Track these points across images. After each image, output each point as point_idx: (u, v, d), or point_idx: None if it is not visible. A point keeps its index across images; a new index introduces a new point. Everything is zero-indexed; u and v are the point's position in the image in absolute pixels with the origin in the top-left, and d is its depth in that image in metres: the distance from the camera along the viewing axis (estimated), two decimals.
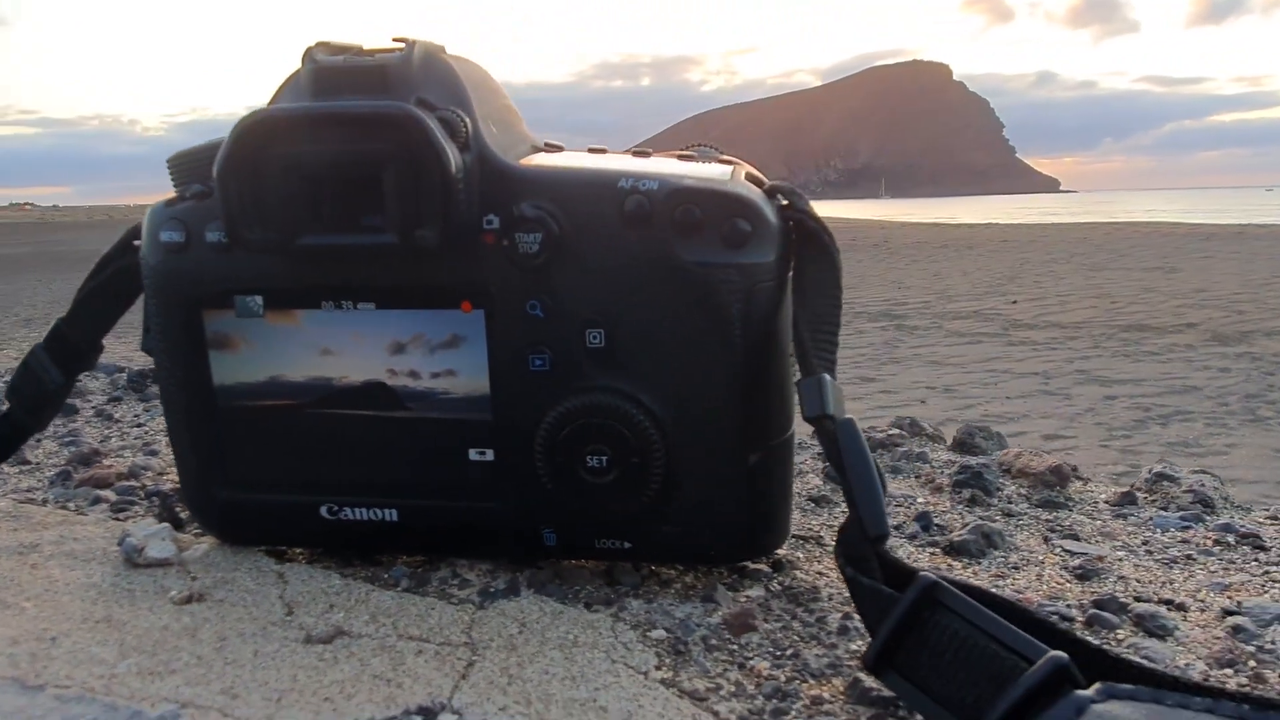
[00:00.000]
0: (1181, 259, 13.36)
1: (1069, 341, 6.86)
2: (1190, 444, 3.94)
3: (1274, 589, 0.53)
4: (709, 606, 0.47)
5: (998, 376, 5.59)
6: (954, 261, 14.19)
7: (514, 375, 0.45)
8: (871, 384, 5.43)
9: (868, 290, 10.92)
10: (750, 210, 0.43)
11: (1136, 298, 9.16)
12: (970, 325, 7.85)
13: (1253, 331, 6.94)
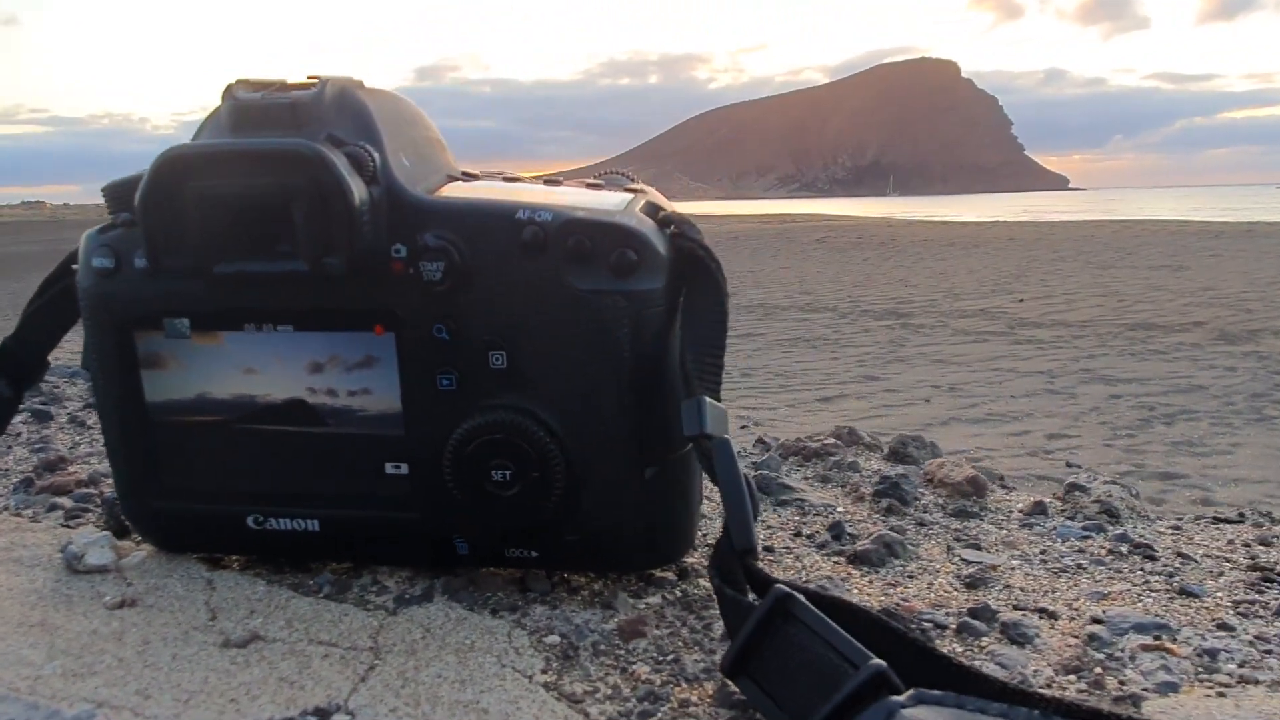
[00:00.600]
0: (1189, 257, 13.28)
1: (1075, 340, 6.83)
2: (1194, 443, 3.92)
3: (1149, 598, 0.54)
4: (607, 613, 0.49)
5: (1002, 375, 5.58)
6: (960, 260, 14.14)
7: (424, 394, 0.48)
8: (876, 383, 5.42)
9: (873, 289, 10.90)
10: (637, 241, 0.46)
11: (1144, 296, 9.11)
12: (976, 324, 7.82)
13: (1260, 330, 6.89)
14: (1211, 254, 13.68)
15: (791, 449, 0.83)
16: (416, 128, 0.52)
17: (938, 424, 4.39)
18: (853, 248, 17.56)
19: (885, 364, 6.06)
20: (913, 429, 4.25)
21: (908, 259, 14.73)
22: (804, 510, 0.69)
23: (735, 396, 5.07)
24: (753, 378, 5.67)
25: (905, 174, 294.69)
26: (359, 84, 0.49)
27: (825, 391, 5.19)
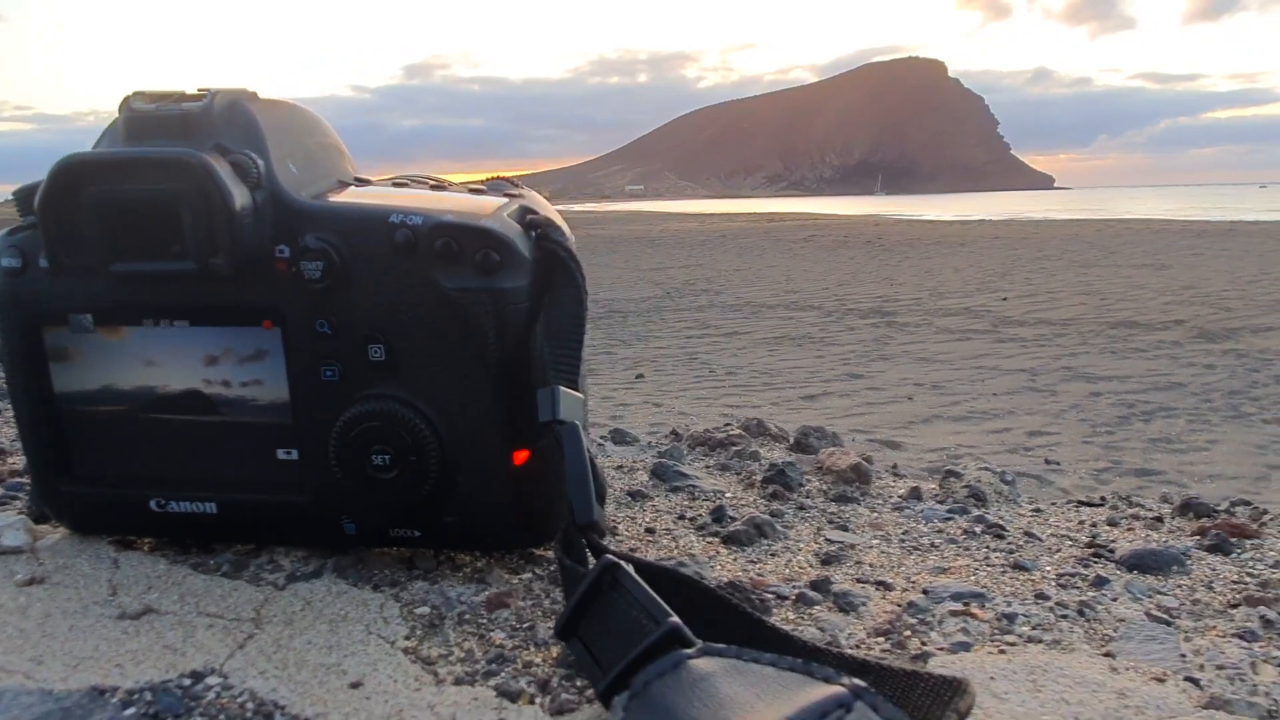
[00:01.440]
0: (1172, 256, 13.38)
1: (1057, 338, 6.87)
2: (1172, 440, 3.95)
3: (983, 572, 0.58)
4: (480, 587, 0.53)
5: (985, 373, 5.61)
6: (946, 258, 14.21)
7: (309, 384, 0.52)
8: (859, 381, 5.45)
9: (859, 287, 10.94)
10: (500, 242, 0.49)
11: (1126, 295, 9.17)
12: (960, 322, 7.86)
13: (1239, 328, 6.95)
14: (1193, 253, 13.78)
15: (699, 439, 0.87)
16: (310, 135, 0.56)
17: (920, 421, 4.41)
18: (840, 246, 17.62)
19: (869, 362, 6.09)
20: (895, 427, 4.29)
21: (894, 258, 14.79)
22: (694, 495, 0.73)
23: (720, 394, 5.09)
24: (738, 375, 5.69)
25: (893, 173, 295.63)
26: (251, 95, 0.53)
27: (809, 389, 5.21)
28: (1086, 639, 0.50)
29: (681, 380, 5.54)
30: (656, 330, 7.95)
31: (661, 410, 4.62)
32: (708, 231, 25.61)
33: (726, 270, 13.55)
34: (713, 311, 9.10)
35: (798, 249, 17.32)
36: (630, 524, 0.65)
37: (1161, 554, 0.61)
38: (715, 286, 11.50)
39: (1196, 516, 0.71)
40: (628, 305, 9.78)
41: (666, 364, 6.14)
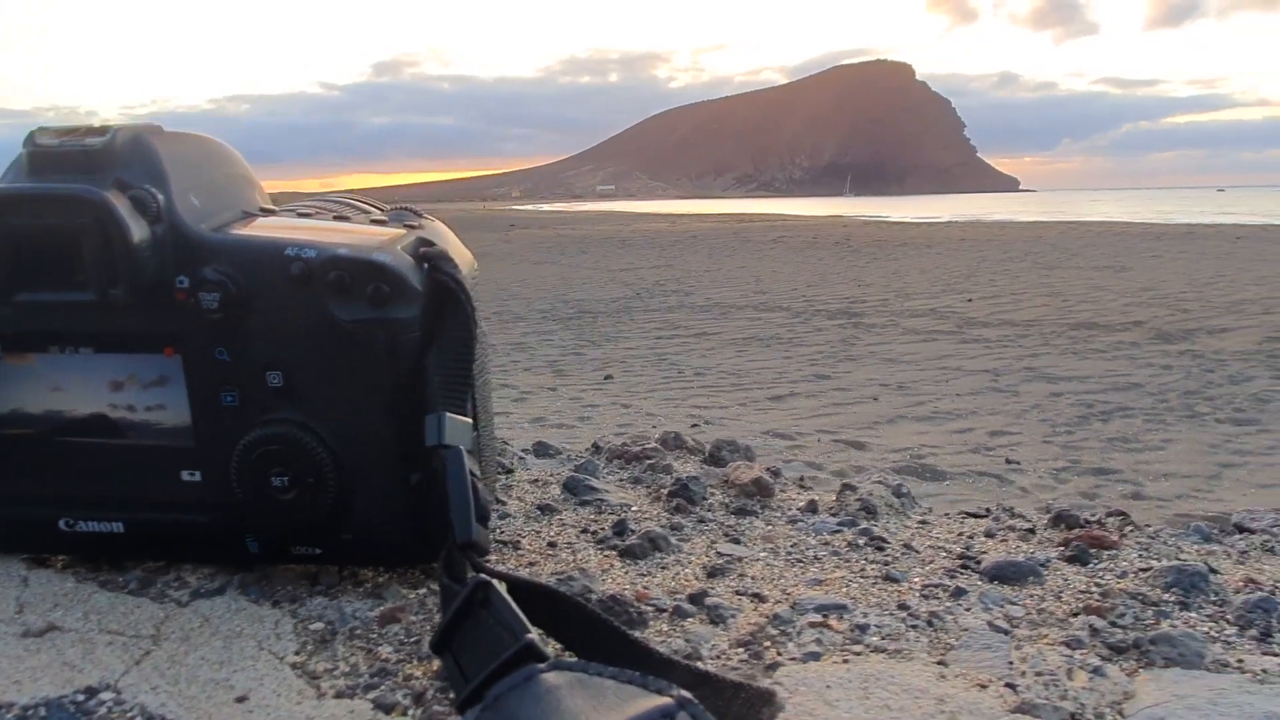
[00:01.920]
0: (1132, 258, 13.62)
1: (1020, 339, 6.96)
2: (1129, 439, 4.02)
3: (855, 584, 0.60)
4: (376, 602, 0.55)
5: (950, 374, 5.67)
6: (913, 259, 14.36)
7: (211, 409, 0.54)
8: (826, 381, 5.49)
9: (827, 288, 11.03)
10: (390, 276, 0.52)
11: (1087, 296, 9.32)
12: (926, 323, 7.94)
13: (1196, 330, 7.09)
14: (1153, 255, 14.05)
15: (617, 452, 0.89)
16: (216, 167, 0.58)
17: (885, 422, 4.46)
18: (808, 248, 17.75)
19: (836, 363, 6.13)
20: (860, 427, 4.33)
21: (862, 259, 14.92)
22: (600, 509, 0.74)
23: (688, 395, 5.11)
24: (706, 376, 5.71)
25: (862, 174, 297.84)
26: (154, 129, 0.55)
27: (776, 390, 5.24)
28: (928, 648, 0.52)
29: (650, 381, 5.56)
30: (626, 331, 7.96)
31: (630, 411, 4.63)
32: (678, 232, 25.66)
33: (696, 271, 13.60)
34: (682, 312, 9.13)
35: (767, 250, 17.43)
36: (535, 538, 0.67)
37: (1021, 565, 0.63)
38: (685, 287, 11.54)
39: (1067, 527, 0.73)
40: (598, 306, 9.79)
41: (635, 365, 6.15)
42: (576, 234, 26.32)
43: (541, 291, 11.42)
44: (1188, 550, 0.69)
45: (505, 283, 12.75)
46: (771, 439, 4.02)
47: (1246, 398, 4.77)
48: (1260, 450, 3.80)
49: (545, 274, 13.99)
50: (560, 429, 4.20)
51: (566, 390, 5.23)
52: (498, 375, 5.74)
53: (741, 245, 18.80)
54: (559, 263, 16.18)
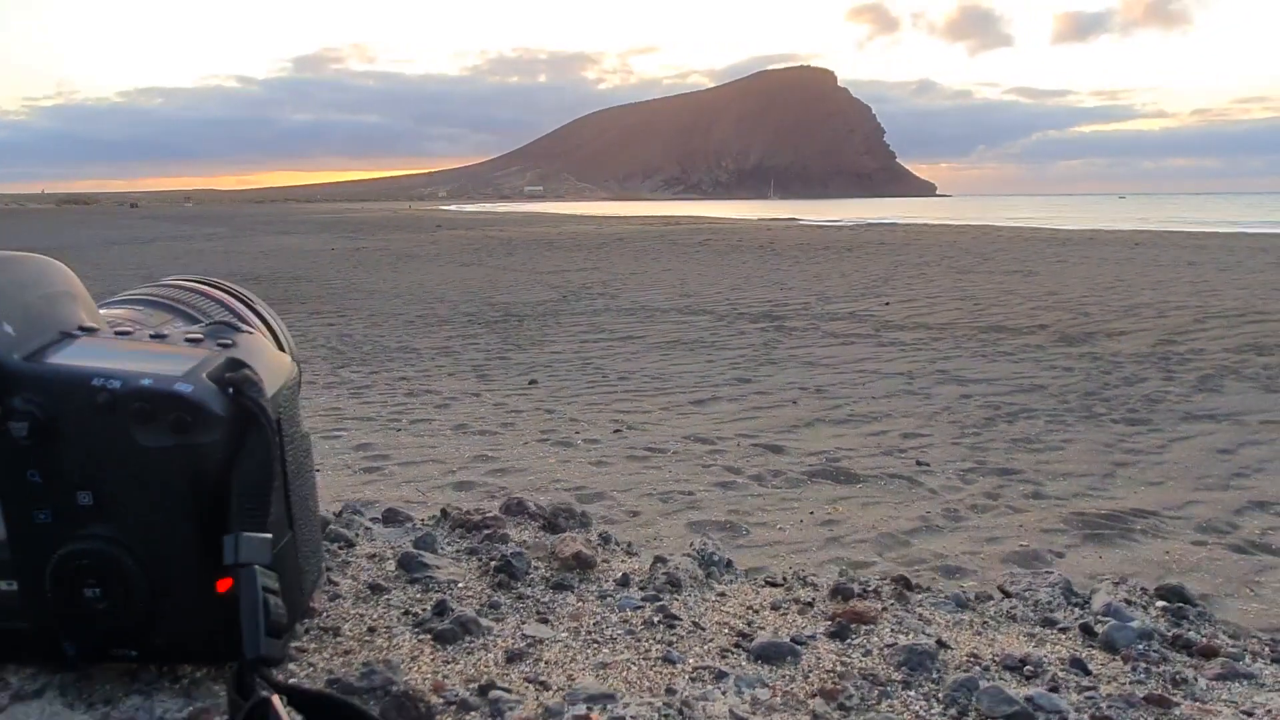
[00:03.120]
0: (1039, 263, 14.23)
1: (934, 342, 7.22)
2: (1031, 440, 4.22)
3: (634, 668, 0.61)
4: (188, 702, 0.58)
5: (867, 377, 5.84)
6: (834, 263, 14.70)
7: (25, 526, 0.57)
8: (747, 385, 5.59)
9: (751, 291, 11.21)
10: (190, 405, 0.55)
11: (997, 300, 9.71)
12: (845, 326, 8.16)
13: (1095, 333, 7.47)
14: (1058, 260, 14.70)
15: (458, 521, 0.88)
16: (33, 289, 0.60)
17: (803, 425, 4.57)
18: (733, 251, 17.98)
19: (758, 366, 6.25)
20: (778, 431, 4.44)
21: (785, 262, 15.20)
22: (428, 587, 0.74)
23: (611, 400, 5.14)
24: (630, 381, 5.76)
25: (786, 178, 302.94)
26: None
27: (699, 394, 5.32)
28: None
29: (574, 386, 5.58)
30: (552, 335, 7.95)
31: (553, 417, 4.64)
32: (605, 234, 25.68)
33: (623, 274, 13.66)
34: (608, 315, 9.16)
35: (693, 253, 17.59)
36: (357, 622, 0.68)
37: (781, 645, 0.64)
38: (611, 290, 11.58)
39: (842, 599, 0.74)
40: (524, 309, 9.74)
41: (561, 369, 6.16)
42: (503, 236, 26.10)
43: (467, 294, 11.31)
44: (938, 621, 0.71)
45: (431, 285, 12.58)
46: (692, 443, 4.09)
47: (1140, 398, 5.06)
48: (1150, 449, 4.04)
49: (471, 276, 13.85)
50: (481, 436, 4.19)
51: (490, 396, 5.22)
52: (422, 381, 5.68)
53: (668, 248, 18.93)
54: (486, 265, 16.02)
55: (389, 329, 8.43)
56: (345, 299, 11.01)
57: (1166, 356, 6.35)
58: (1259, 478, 3.61)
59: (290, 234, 29.83)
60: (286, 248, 21.79)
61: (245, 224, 40.19)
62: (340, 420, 4.47)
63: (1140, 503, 3.28)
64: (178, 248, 21.90)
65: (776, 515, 3.04)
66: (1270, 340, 6.89)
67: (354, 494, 3.10)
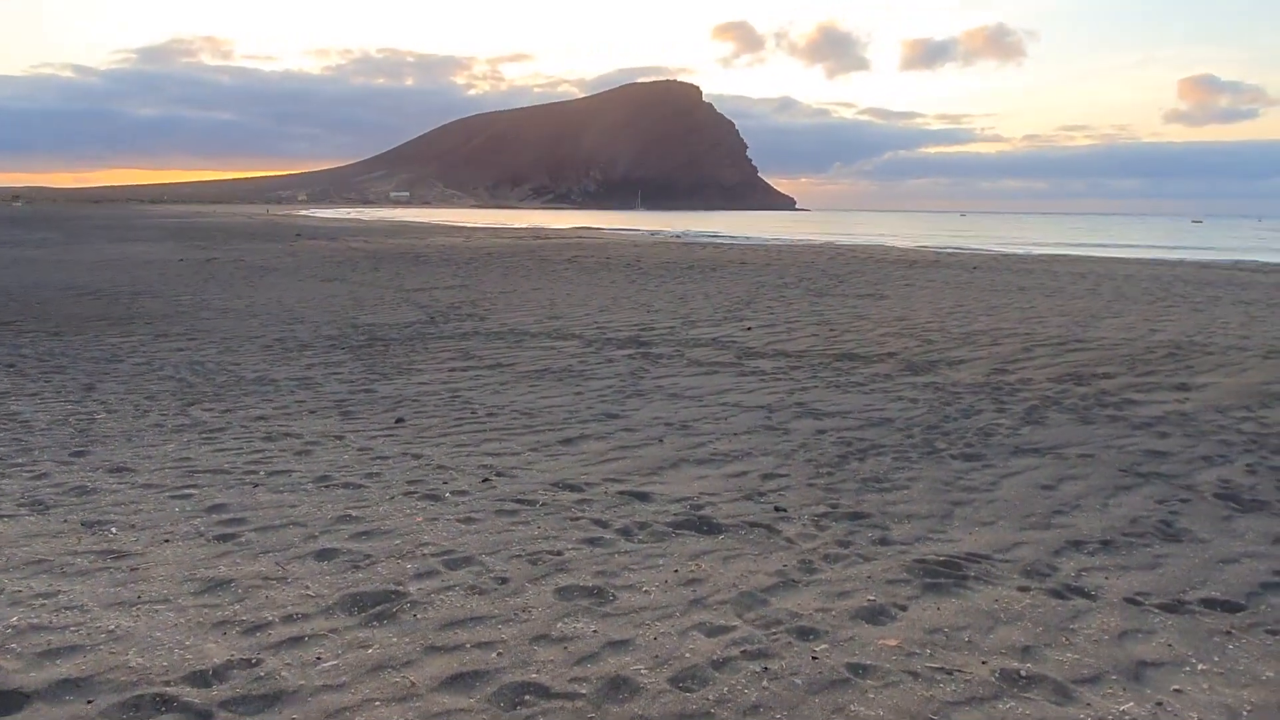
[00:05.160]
0: (889, 285, 15.09)
1: (792, 371, 7.54)
2: (880, 479, 4.48)
3: None
4: None
5: (729, 410, 6.05)
6: (699, 284, 15.08)
7: None
8: (615, 421, 5.68)
9: (619, 313, 11.34)
10: None
11: (850, 325, 10.23)
12: (709, 353, 8.40)
13: (938, 361, 8.00)
14: (906, 283, 15.63)
15: None
16: None
17: (668, 466, 4.69)
18: (601, 269, 18.12)
19: (625, 399, 6.36)
20: (645, 474, 4.56)
21: (651, 281, 15.47)
22: None
23: (481, 440, 5.12)
24: (498, 417, 5.74)
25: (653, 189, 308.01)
26: None
27: (567, 432, 5.37)
28: None
29: (443, 423, 5.52)
30: (419, 362, 7.82)
31: (420, 464, 4.58)
32: (474, 248, 25.36)
33: (491, 293, 13.54)
34: (477, 340, 9.08)
35: (561, 270, 17.63)
36: None
37: None
38: (480, 311, 11.46)
39: None
40: (390, 332, 9.51)
41: (428, 404, 6.08)
42: (369, 248, 25.33)
43: (330, 314, 10.92)
44: None
45: (290, 304, 12.07)
46: (560, 492, 4.13)
47: (975, 432, 5.48)
48: (983, 486, 4.39)
49: (334, 294, 13.38)
50: (345, 489, 4.09)
51: (355, 438, 5.09)
52: (281, 421, 5.47)
53: (537, 265, 18.89)
54: (349, 280, 15.51)
55: (245, 355, 8.06)
56: (196, 319, 10.43)
57: (999, 387, 6.88)
58: (1075, 514, 3.99)
59: (134, 241, 27.90)
60: (129, 257, 20.38)
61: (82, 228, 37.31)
62: (191, 474, 4.26)
63: (974, 545, 3.57)
64: (3, 255, 20.11)
65: (643, 575, 3.13)
66: (1087, 370, 7.59)
67: (207, 570, 2.97)
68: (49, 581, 2.89)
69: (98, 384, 6.57)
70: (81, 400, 5.98)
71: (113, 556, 3.09)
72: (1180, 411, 6.11)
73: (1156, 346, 8.80)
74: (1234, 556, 3.52)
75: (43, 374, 6.92)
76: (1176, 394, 6.69)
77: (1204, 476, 4.60)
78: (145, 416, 5.53)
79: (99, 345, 8.44)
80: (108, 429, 5.20)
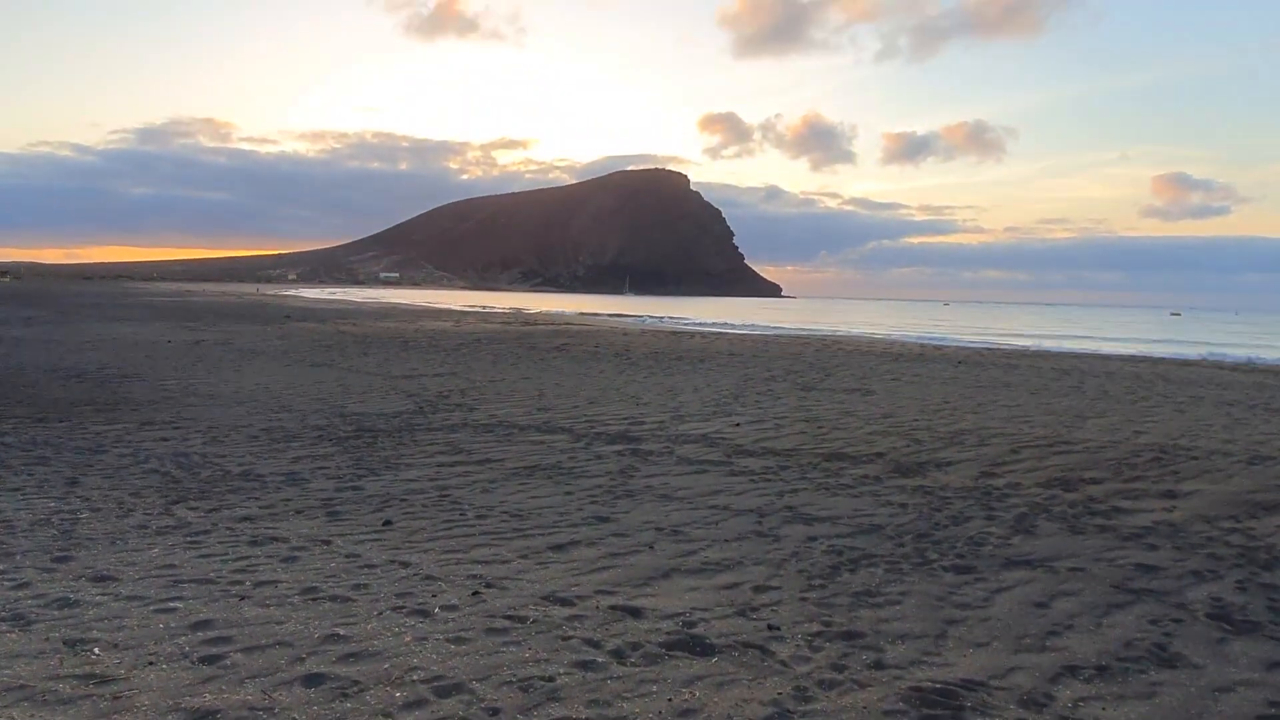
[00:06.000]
0: (875, 380, 15.21)
1: (781, 471, 7.53)
2: (873, 593, 4.44)
3: None
4: None
5: (719, 514, 6.02)
6: (688, 376, 15.16)
7: None
8: (606, 525, 5.63)
9: (608, 405, 11.35)
10: None
11: (838, 422, 10.27)
12: (698, 450, 8.39)
13: (926, 462, 8.02)
14: (892, 377, 15.76)
15: None
16: None
17: (659, 576, 4.65)
18: (590, 358, 18.21)
19: (615, 499, 6.33)
20: (637, 584, 4.51)
21: (640, 372, 15.54)
22: None
23: (470, 545, 5.06)
24: (488, 519, 5.69)
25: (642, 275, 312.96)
26: None
27: (557, 537, 5.32)
28: None
29: (432, 526, 5.46)
30: (408, 456, 7.78)
31: (409, 573, 4.51)
32: (463, 334, 25.48)
33: (480, 382, 13.56)
34: (465, 432, 9.05)
35: (550, 359, 17.70)
36: None
37: None
38: (469, 400, 11.45)
39: None
40: (378, 422, 9.47)
41: (417, 503, 6.03)
42: (358, 331, 25.41)
43: (318, 401, 10.90)
44: None
45: (278, 390, 12.04)
46: (552, 607, 4.07)
47: (965, 541, 5.47)
48: (977, 603, 4.37)
49: (323, 380, 13.37)
50: (333, 603, 4.02)
51: (343, 543, 5.03)
52: (267, 522, 5.41)
53: (526, 353, 18.97)
54: (337, 365, 15.51)
55: (231, 446, 8.00)
56: (182, 405, 10.37)
57: (988, 491, 6.90)
58: (1069, 635, 3.97)
59: (123, 320, 27.90)
60: (118, 338, 20.36)
61: (72, 306, 37.32)
62: (176, 583, 4.18)
63: (970, 670, 3.53)
64: None
65: (636, 705, 3.07)
66: (1074, 474, 7.63)
67: (192, 699, 2.90)
68: (30, 711, 2.81)
69: (81, 477, 6.49)
70: (65, 497, 5.90)
71: (96, 682, 3.01)
72: (1169, 522, 6.13)
73: (1142, 449, 8.88)
74: (1229, 684, 3.50)
75: (26, 465, 6.84)
76: (1164, 502, 6.72)
77: (1195, 594, 4.60)
78: (129, 516, 5.45)
79: (83, 433, 8.37)
80: (91, 530, 5.12)
